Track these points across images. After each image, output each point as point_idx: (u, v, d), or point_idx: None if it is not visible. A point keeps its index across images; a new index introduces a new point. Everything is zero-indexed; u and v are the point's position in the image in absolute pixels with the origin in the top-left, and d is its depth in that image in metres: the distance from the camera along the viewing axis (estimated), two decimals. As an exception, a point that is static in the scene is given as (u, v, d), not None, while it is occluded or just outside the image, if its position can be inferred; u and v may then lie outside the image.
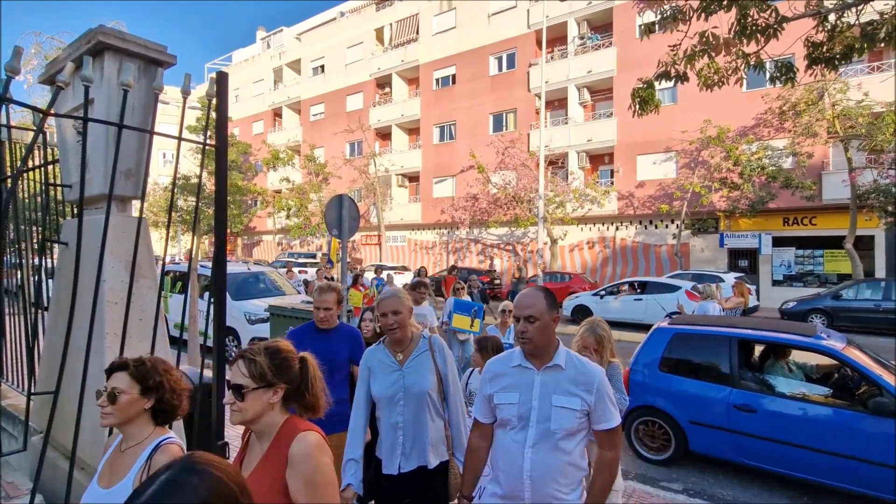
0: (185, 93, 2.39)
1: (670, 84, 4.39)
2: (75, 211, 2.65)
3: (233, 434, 4.73)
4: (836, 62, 3.65)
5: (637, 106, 4.71)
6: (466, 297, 7.15)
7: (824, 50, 3.71)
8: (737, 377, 4.57)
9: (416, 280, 4.83)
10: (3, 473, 2.53)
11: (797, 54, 4.62)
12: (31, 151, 1.96)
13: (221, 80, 2.52)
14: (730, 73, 4.32)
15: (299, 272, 16.90)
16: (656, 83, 4.98)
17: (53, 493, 2.31)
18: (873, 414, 3.90)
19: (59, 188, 2.79)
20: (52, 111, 2.03)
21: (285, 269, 13.93)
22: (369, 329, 3.88)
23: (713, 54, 3.84)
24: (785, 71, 4.04)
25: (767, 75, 4.20)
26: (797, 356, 5.15)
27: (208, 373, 2.79)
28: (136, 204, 2.61)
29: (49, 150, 3.15)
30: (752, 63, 4.07)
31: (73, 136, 2.63)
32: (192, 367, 3.23)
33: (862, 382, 4.33)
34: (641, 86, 4.55)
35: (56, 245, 2.84)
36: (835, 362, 4.74)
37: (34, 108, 1.91)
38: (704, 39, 3.75)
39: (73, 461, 2.18)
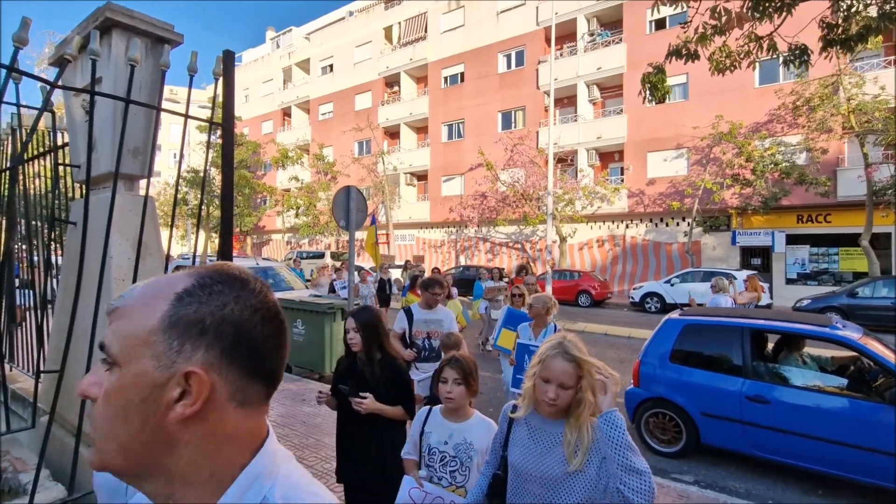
0: (192, 70, 2.39)
1: (681, 62, 4.30)
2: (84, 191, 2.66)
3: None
4: (852, 44, 3.56)
5: (647, 92, 4.64)
6: (523, 309, 5.43)
7: (839, 32, 3.62)
8: (750, 368, 4.49)
9: (428, 279, 4.21)
10: (13, 450, 2.55)
11: (810, 42, 4.53)
12: (38, 122, 1.97)
13: (227, 59, 2.52)
14: (742, 57, 4.23)
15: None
16: (666, 72, 4.91)
17: (61, 469, 2.32)
18: (891, 404, 3.81)
19: (68, 168, 2.80)
20: (60, 85, 2.04)
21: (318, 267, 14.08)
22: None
23: (725, 30, 3.75)
24: (799, 54, 3.94)
25: (781, 59, 4.11)
26: (812, 349, 5.06)
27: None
28: (143, 184, 2.62)
29: (60, 135, 3.18)
30: (765, 46, 3.99)
31: (81, 115, 2.64)
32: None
33: (879, 374, 4.23)
34: (652, 71, 4.49)
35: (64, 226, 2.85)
36: (851, 354, 4.65)
37: (41, 80, 1.92)
38: (716, 14, 3.67)
39: (79, 438, 2.18)
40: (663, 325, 5.16)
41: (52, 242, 3.00)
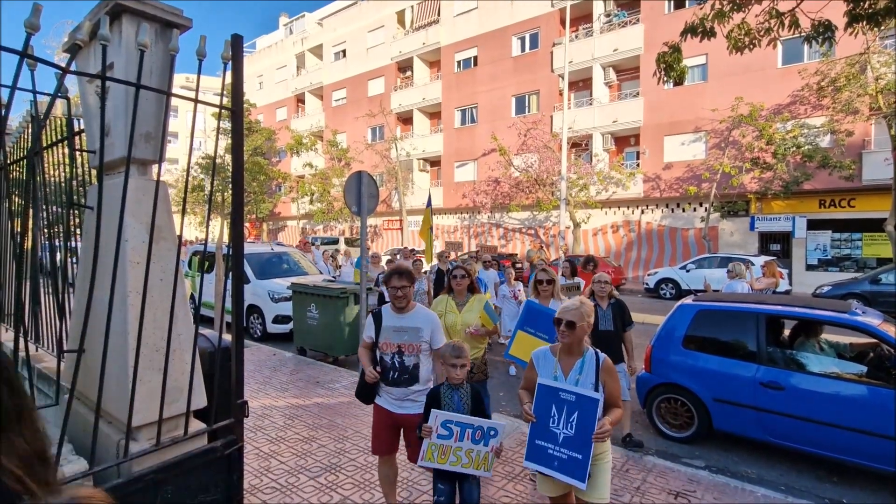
0: (201, 55, 2.40)
1: (701, 43, 4.15)
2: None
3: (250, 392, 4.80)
4: (880, 19, 3.39)
5: (662, 72, 4.51)
6: (558, 301, 4.08)
7: (866, 6, 3.44)
8: (764, 354, 4.43)
9: (390, 269, 3.10)
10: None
11: (835, 18, 4.35)
12: (51, 107, 2.00)
13: (236, 43, 2.52)
14: (762, 34, 4.07)
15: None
16: (683, 52, 4.77)
17: (84, 444, 2.41)
18: (911, 392, 3.73)
19: (84, 153, 2.86)
20: (72, 70, 2.07)
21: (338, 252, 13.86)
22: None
23: (744, 6, 3.60)
24: (823, 31, 3.76)
25: (803, 37, 3.94)
26: (830, 336, 4.96)
27: (227, 337, 2.86)
28: (156, 168, 2.66)
29: (77, 123, 3.23)
30: (786, 23, 3.83)
31: (95, 102, 2.68)
32: (213, 331, 3.32)
33: (900, 361, 4.14)
34: (667, 50, 4.35)
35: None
36: (870, 341, 4.56)
37: (54, 66, 1.95)
38: (735, -12, 3.54)
39: (98, 414, 2.26)
40: (676, 311, 5.11)
41: (73, 227, 3.08)
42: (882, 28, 3.72)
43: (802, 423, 4.08)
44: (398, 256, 12.22)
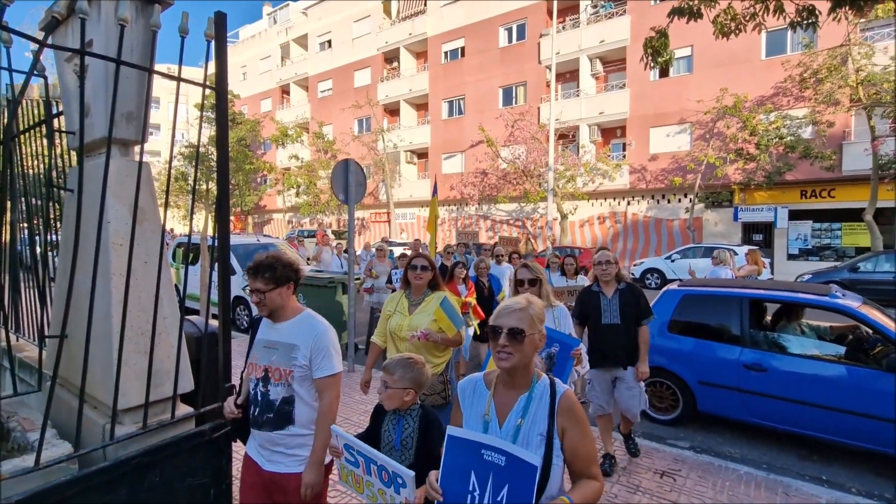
0: (184, 32, 2.35)
1: (686, 35, 4.18)
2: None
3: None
4: (862, 4, 3.45)
5: (649, 57, 4.54)
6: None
7: (849, -9, 3.52)
8: (747, 337, 4.52)
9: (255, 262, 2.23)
10: (21, 412, 2.62)
11: (819, 5, 4.41)
12: (27, 83, 1.95)
13: (220, 21, 2.47)
14: (748, 19, 4.13)
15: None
16: (670, 41, 4.80)
17: (69, 428, 2.38)
18: (889, 371, 3.84)
19: (64, 136, 2.79)
20: (49, 44, 2.01)
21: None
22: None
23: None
24: (807, 16, 3.84)
25: (787, 25, 4.00)
26: (811, 319, 5.08)
27: (214, 323, 2.83)
28: (139, 150, 2.60)
29: (56, 106, 3.14)
30: (771, 7, 3.88)
31: (74, 81, 2.61)
32: (200, 317, 3.27)
33: (878, 342, 4.25)
34: (654, 35, 4.38)
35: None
36: (850, 323, 4.68)
37: (30, 38, 1.89)
38: (720, -31, 3.58)
39: (82, 399, 2.22)
40: (662, 296, 5.18)
41: (52, 211, 3.01)
42: (865, 12, 3.78)
43: (784, 404, 4.18)
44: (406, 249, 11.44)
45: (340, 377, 2.14)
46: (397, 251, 12.51)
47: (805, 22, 3.83)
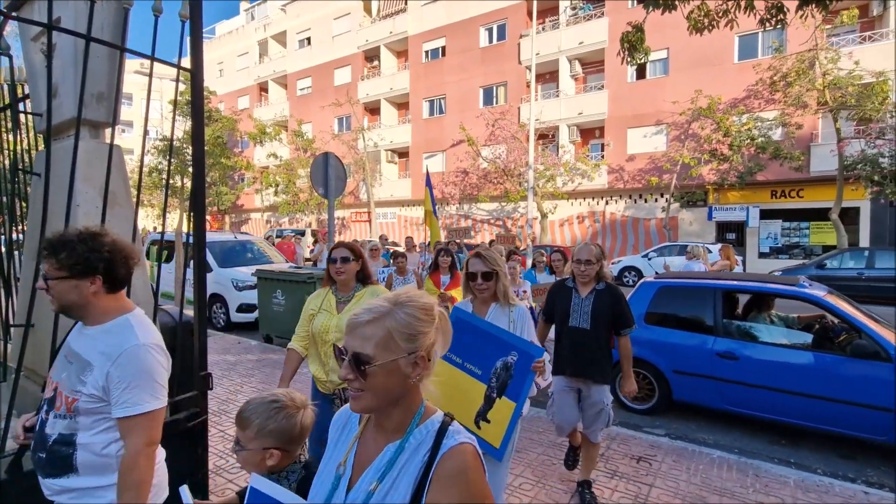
0: (157, 11, 2.31)
1: (662, 37, 4.29)
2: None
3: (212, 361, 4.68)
4: (828, 2, 3.61)
5: (626, 53, 4.64)
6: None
7: (815, -13, 3.67)
8: (720, 327, 4.64)
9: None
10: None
11: (790, 5, 4.58)
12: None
13: (195, 1, 2.43)
14: (720, 15, 4.27)
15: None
16: (646, 37, 4.91)
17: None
18: (852, 357, 3.99)
19: (30, 117, 2.70)
20: (15, 16, 1.94)
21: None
22: None
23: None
24: (776, 13, 4.00)
25: (758, 21, 4.15)
26: (780, 310, 5.24)
27: (189, 313, 2.78)
28: (109, 132, 2.54)
29: (21, 88, 3.04)
30: (742, 4, 4.02)
31: (41, 61, 2.53)
32: (174, 307, 3.21)
33: (843, 331, 4.42)
34: (631, 30, 4.48)
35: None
36: (817, 313, 4.85)
37: (-7, 11, 1.82)
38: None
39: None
40: (639, 289, 5.28)
41: (16, 194, 2.91)
42: (830, 10, 3.93)
43: (755, 391, 4.31)
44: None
45: (158, 418, 1.47)
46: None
47: (774, 19, 3.99)
